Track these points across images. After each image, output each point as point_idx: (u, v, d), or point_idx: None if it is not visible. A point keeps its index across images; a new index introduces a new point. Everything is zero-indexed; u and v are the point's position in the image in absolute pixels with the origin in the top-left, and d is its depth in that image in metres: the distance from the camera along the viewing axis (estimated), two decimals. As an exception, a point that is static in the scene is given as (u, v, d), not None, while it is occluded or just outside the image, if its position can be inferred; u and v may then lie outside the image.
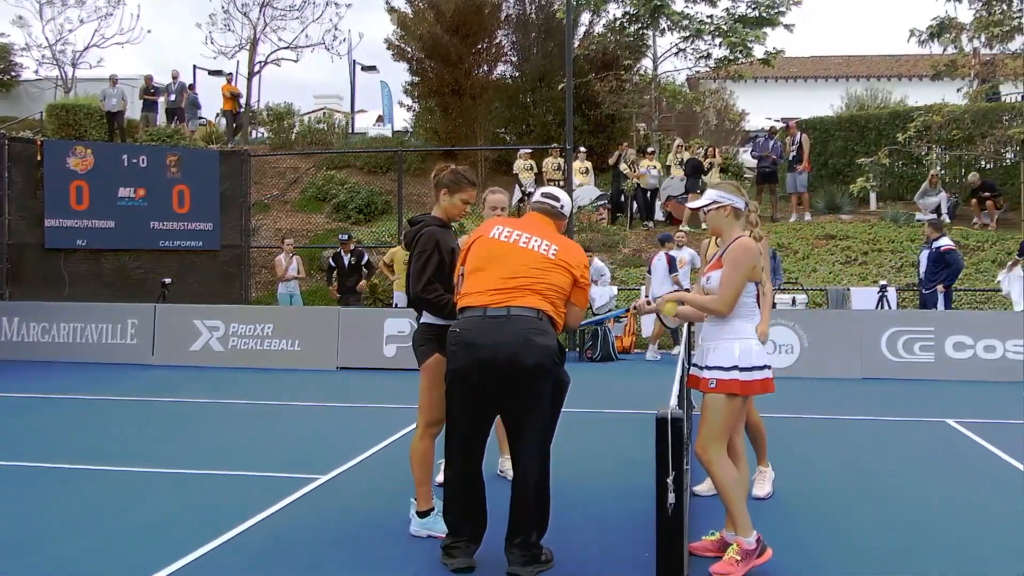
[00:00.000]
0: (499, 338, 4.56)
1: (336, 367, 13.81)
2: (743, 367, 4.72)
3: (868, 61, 36.74)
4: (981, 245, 18.35)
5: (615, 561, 5.00)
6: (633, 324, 16.00)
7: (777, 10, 22.16)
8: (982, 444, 8.15)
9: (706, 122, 27.60)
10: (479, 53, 24.79)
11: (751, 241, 4.86)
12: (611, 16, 23.75)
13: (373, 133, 28.98)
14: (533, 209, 5.06)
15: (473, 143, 24.16)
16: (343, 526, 5.59)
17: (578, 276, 4.78)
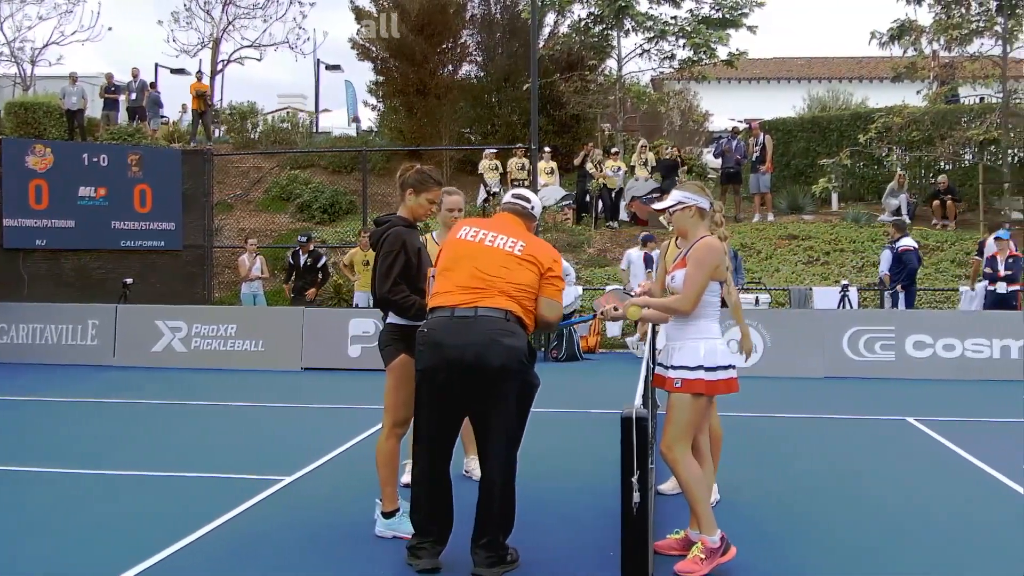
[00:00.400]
0: (466, 338, 4.55)
1: (300, 368, 13.73)
2: (708, 367, 4.75)
3: (830, 63, 37.11)
4: (940, 245, 18.59)
5: (580, 560, 5.01)
6: (598, 324, 16.04)
7: (740, 12, 22.34)
8: (941, 442, 8.26)
9: (670, 123, 27.75)
10: (444, 53, 24.75)
11: (716, 241, 4.90)
12: (576, 17, 23.86)
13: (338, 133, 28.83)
14: (503, 209, 5.07)
15: (438, 143, 24.12)
16: (308, 527, 5.56)
17: (545, 270, 4.75)
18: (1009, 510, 6.02)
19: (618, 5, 21.96)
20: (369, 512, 5.50)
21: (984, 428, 9.20)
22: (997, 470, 7.02)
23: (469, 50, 25.95)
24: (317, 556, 5.07)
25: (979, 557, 5.08)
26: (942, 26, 19.73)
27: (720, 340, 4.87)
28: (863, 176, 22.16)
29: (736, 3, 22.32)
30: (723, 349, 4.85)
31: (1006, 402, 10.88)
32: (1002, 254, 14.42)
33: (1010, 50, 19.72)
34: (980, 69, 19.93)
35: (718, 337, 4.87)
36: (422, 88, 24.12)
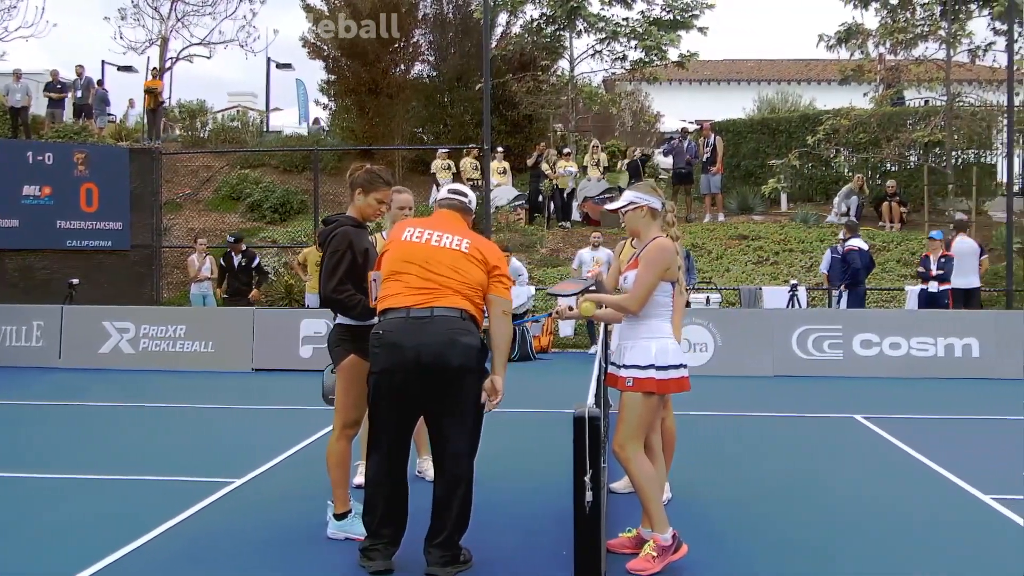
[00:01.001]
0: (423, 339, 4.54)
1: (251, 369, 13.61)
2: (659, 366, 4.79)
3: (779, 65, 37.50)
4: (887, 245, 18.89)
5: (534, 559, 5.02)
6: (551, 324, 16.08)
7: (690, 13, 22.51)
8: (888, 439, 8.39)
9: (622, 123, 27.89)
10: (396, 52, 24.64)
11: (668, 241, 4.94)
12: (528, 17, 23.86)
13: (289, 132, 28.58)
14: (441, 206, 5.04)
15: (390, 142, 24.02)
16: (259, 530, 5.52)
17: (492, 267, 4.75)
18: (954, 506, 6.14)
19: (570, 6, 22.04)
20: (321, 514, 5.46)
21: (929, 425, 9.36)
22: (942, 466, 7.15)
23: (421, 49, 25.88)
24: (268, 559, 5.03)
25: (925, 553, 5.17)
26: (888, 30, 20.07)
27: (671, 339, 4.91)
28: (812, 177, 22.44)
29: (686, 5, 22.49)
30: (674, 348, 4.89)
31: (950, 399, 11.09)
32: (934, 254, 14.71)
33: (953, 54, 20.10)
34: (925, 72, 20.30)
35: (669, 336, 4.90)
36: (374, 87, 24.01)
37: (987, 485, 6.49)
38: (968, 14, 20.27)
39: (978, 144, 21.25)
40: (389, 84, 24.18)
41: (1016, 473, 7.10)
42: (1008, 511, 5.87)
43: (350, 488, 5.46)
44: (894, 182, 20.49)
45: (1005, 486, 6.51)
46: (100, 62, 29.52)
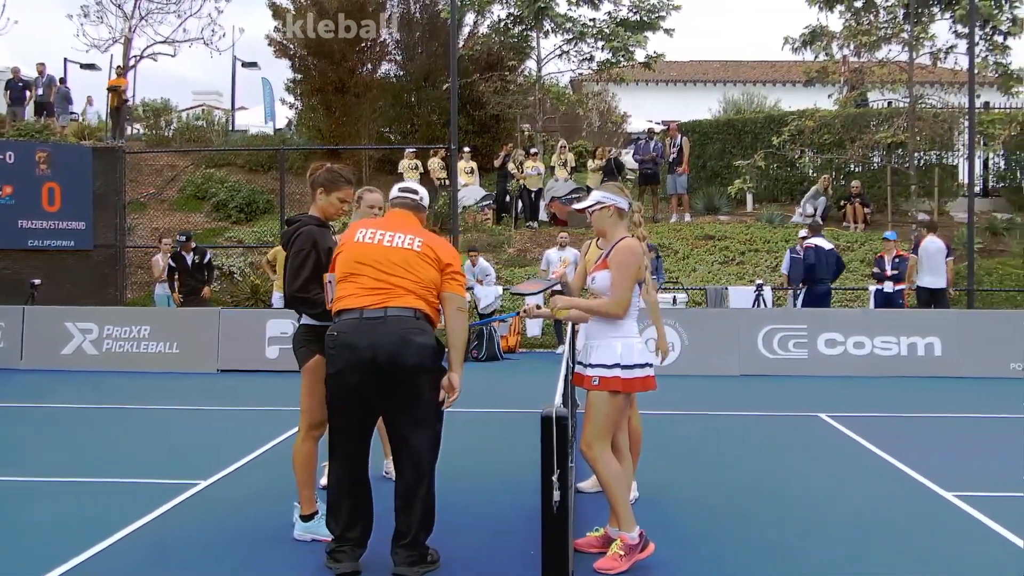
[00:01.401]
0: (377, 339, 4.55)
1: (217, 370, 13.50)
2: (624, 365, 4.81)
3: (745, 66, 37.75)
4: (851, 245, 19.07)
5: (501, 559, 5.03)
6: (518, 324, 16.09)
7: (657, 15, 22.58)
8: (852, 437, 8.48)
9: (589, 124, 27.94)
10: (363, 51, 24.55)
11: (635, 242, 4.97)
12: (495, 17, 23.86)
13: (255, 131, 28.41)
14: (393, 205, 5.06)
15: (357, 142, 23.92)
16: (225, 531, 5.48)
17: (445, 265, 4.77)
18: (917, 503, 6.21)
19: (537, 6, 22.06)
20: (287, 515, 5.44)
21: (892, 423, 9.46)
22: (905, 464, 7.24)
23: (388, 49, 25.80)
24: (234, 560, 5.00)
25: (888, 549, 5.23)
26: (852, 32, 20.25)
27: (637, 339, 4.93)
28: (777, 178, 22.59)
29: (653, 6, 22.56)
30: (640, 347, 4.91)
31: (913, 398, 11.23)
32: (889, 254, 14.90)
33: (916, 56, 20.31)
34: (888, 74, 20.50)
35: (635, 336, 4.93)
36: (341, 86, 23.91)
37: (949, 482, 6.58)
38: (930, 17, 20.50)
39: (940, 145, 21.48)
40: (356, 83, 24.09)
41: (978, 470, 7.21)
42: (970, 508, 5.95)
43: (317, 489, 5.43)
44: (858, 183, 20.69)
45: (967, 483, 6.60)
46: (63, 60, 29.20)
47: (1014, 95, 20.83)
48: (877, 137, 20.38)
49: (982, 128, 19.28)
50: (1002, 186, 22.74)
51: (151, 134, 26.01)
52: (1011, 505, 6.05)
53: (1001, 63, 20.23)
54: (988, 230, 19.97)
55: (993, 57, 20.25)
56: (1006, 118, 20.07)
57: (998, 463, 7.49)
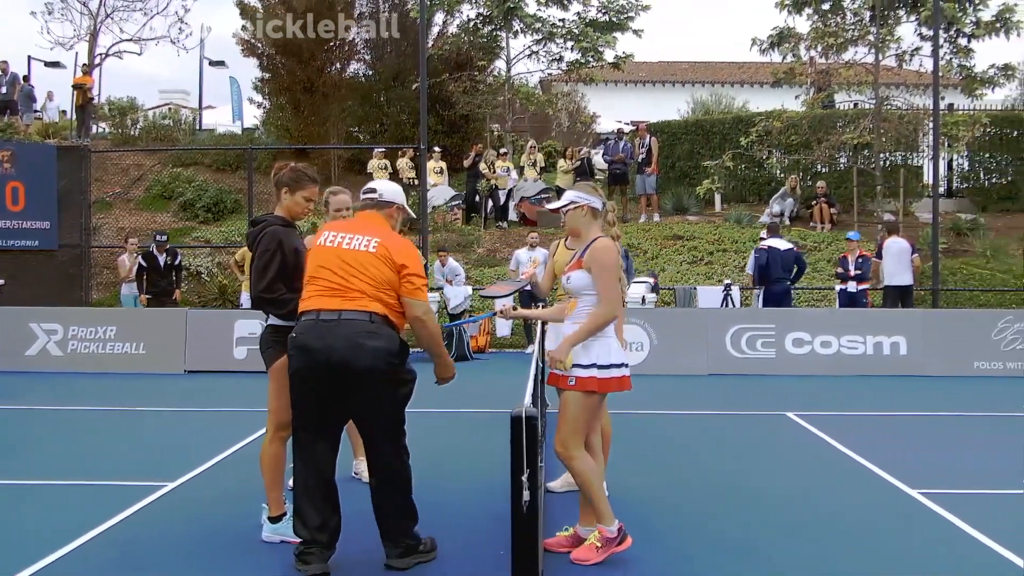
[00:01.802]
0: (330, 341, 4.58)
1: (184, 370, 13.40)
2: (600, 365, 4.82)
3: (713, 67, 37.95)
4: (818, 245, 19.23)
5: (471, 559, 5.02)
6: (488, 324, 16.08)
7: (626, 15, 22.64)
8: (819, 435, 8.54)
9: (558, 124, 27.98)
10: (331, 50, 24.45)
11: (611, 241, 4.98)
12: (465, 17, 23.84)
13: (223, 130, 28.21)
14: (359, 208, 5.10)
15: (326, 141, 23.83)
16: (193, 533, 5.44)
17: (399, 267, 4.72)
18: (882, 500, 6.27)
19: (507, 6, 22.04)
20: (255, 517, 5.40)
21: (859, 422, 9.55)
22: (871, 462, 7.30)
23: (357, 48, 25.72)
24: (202, 562, 4.96)
25: (854, 546, 5.27)
26: (819, 34, 20.41)
27: (613, 339, 4.94)
28: (745, 178, 22.75)
29: (622, 7, 22.63)
30: (616, 347, 4.93)
31: (879, 397, 11.33)
32: (852, 254, 15.06)
33: (882, 58, 20.51)
34: (854, 76, 20.68)
35: (611, 336, 4.93)
36: (309, 86, 23.81)
37: (914, 480, 6.65)
38: (896, 20, 20.72)
39: (905, 147, 21.72)
40: (325, 83, 24.00)
41: (942, 468, 7.29)
42: (934, 505, 6.02)
43: (285, 490, 5.40)
44: (823, 183, 20.86)
45: (932, 481, 6.67)
46: (26, 57, 28.87)
47: (977, 97, 21.11)
48: (843, 138, 20.56)
49: (946, 130, 19.49)
50: (966, 187, 23.03)
51: (117, 133, 25.78)
52: (975, 502, 6.12)
53: (965, 65, 20.50)
54: (952, 230, 20.20)
55: (957, 59, 20.52)
56: (970, 120, 20.29)
57: (963, 461, 7.59)
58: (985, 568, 4.89)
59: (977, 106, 22.39)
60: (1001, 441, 8.54)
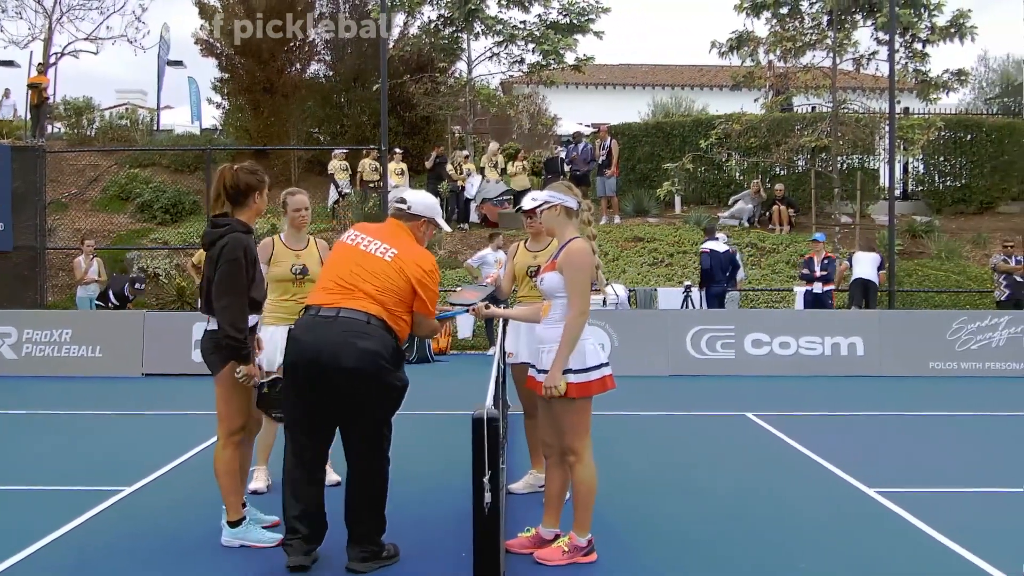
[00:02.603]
0: (323, 337, 4.61)
1: (141, 374, 13.24)
2: (577, 369, 4.79)
3: (673, 70, 38.16)
4: (776, 248, 19.41)
5: (433, 561, 5.01)
6: (449, 325, 16.05)
7: (587, 17, 22.70)
8: (778, 435, 8.62)
9: (519, 126, 27.98)
10: (291, 51, 24.29)
11: (585, 242, 4.94)
12: (426, 18, 23.78)
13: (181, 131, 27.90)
14: (390, 215, 5.16)
15: (285, 142, 23.65)
16: (150, 538, 5.37)
17: (415, 281, 4.77)
18: (841, 500, 6.33)
19: (468, 8, 22.03)
20: (214, 521, 5.35)
21: (817, 422, 9.65)
22: (829, 462, 7.38)
23: (317, 49, 25.56)
24: (160, 568, 4.90)
25: (813, 546, 5.32)
26: (778, 38, 20.61)
27: (589, 340, 4.90)
28: (704, 180, 22.89)
29: (583, 9, 22.69)
30: (592, 348, 4.89)
31: (837, 397, 11.46)
32: (818, 256, 15.25)
33: (839, 62, 20.75)
34: (812, 79, 20.90)
35: (587, 338, 4.89)
36: (269, 86, 23.63)
37: (872, 479, 6.72)
38: (853, 24, 20.97)
39: (862, 150, 21.97)
40: (284, 83, 23.84)
41: (899, 467, 7.38)
42: (892, 504, 6.09)
43: (247, 493, 5.36)
44: (782, 186, 21.06)
45: (889, 480, 6.75)
46: (-22, 57, 28.39)
47: (932, 101, 21.42)
48: (802, 141, 20.75)
49: (902, 133, 19.75)
50: (921, 189, 23.34)
51: (72, 133, 25.42)
52: (930, 501, 6.21)
53: (920, 70, 20.79)
54: (908, 232, 20.49)
55: (913, 64, 20.81)
56: (925, 123, 20.59)
57: (919, 460, 7.70)
58: (942, 566, 4.95)
59: (932, 110, 22.72)
60: (956, 440, 8.68)
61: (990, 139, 22.45)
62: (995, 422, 9.76)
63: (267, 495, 6.20)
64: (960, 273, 18.65)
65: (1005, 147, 22.37)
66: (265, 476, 6.38)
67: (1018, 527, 5.70)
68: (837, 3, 20.08)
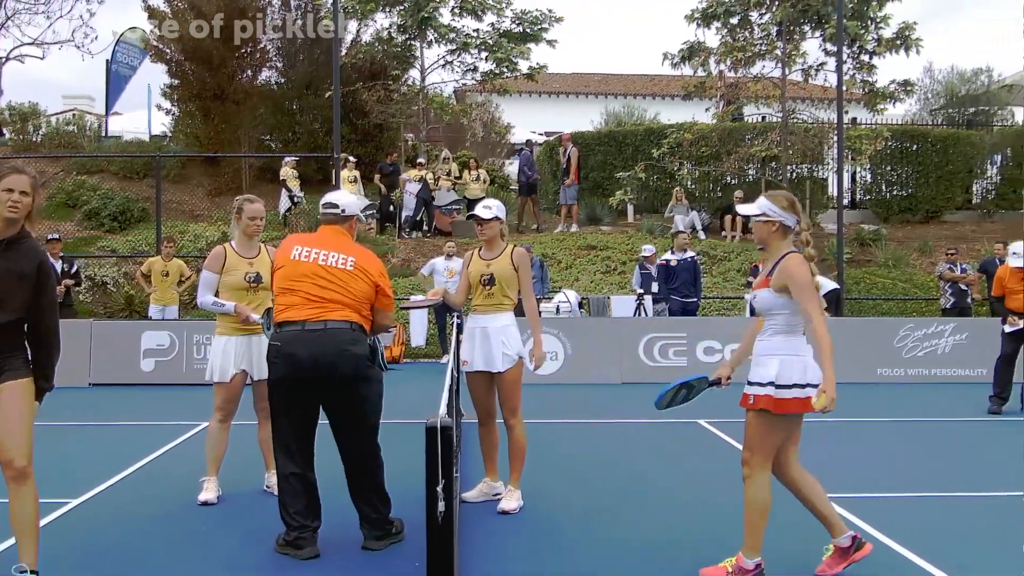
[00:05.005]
0: (318, 349, 5.00)
1: (88, 383, 13.02)
2: (780, 384, 4.69)
3: (626, 79, 38.43)
4: (727, 255, 19.59)
5: (387, 571, 4.97)
6: (402, 334, 15.99)
7: (540, 26, 22.78)
8: (730, 442, 8.68)
9: (473, 134, 28.01)
10: (242, 57, 24.09)
11: (801, 258, 4.76)
12: (379, 26, 23.72)
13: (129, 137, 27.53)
14: (321, 220, 5.44)
15: (237, 149, 23.43)
16: (96, 551, 5.28)
17: (377, 282, 5.26)
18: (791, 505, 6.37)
19: (421, 16, 22.01)
20: (161, 533, 5.28)
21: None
22: (780, 468, 7.43)
23: (269, 55, 25.37)
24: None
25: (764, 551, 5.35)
26: (728, 48, 20.86)
27: (803, 357, 4.76)
28: (657, 189, 23.06)
29: (536, 18, 22.76)
30: (808, 366, 4.73)
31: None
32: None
33: (788, 72, 21.05)
34: (762, 89, 21.19)
35: (802, 354, 4.76)
36: (220, 93, 23.40)
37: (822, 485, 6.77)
38: (802, 35, 21.29)
39: (811, 159, 22.30)
40: (235, 90, 23.61)
41: (847, 472, 7.46)
42: (840, 508, 6.13)
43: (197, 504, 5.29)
44: (741, 192, 21.25)
45: (837, 485, 6.81)
46: (-79, 60, 27.80)
47: (879, 111, 21.81)
48: (752, 150, 21.02)
49: (850, 143, 20.06)
50: (869, 198, 23.73)
51: (18, 139, 24.98)
52: (878, 505, 6.29)
53: (868, 81, 21.16)
54: (856, 241, 20.80)
55: (860, 75, 21.17)
56: (872, 133, 20.94)
57: (867, 465, 7.79)
58: (889, 569, 5.01)
59: (879, 120, 23.12)
60: (902, 446, 8.80)
61: (935, 149, 22.91)
62: (941, 428, 9.92)
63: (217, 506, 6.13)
64: (907, 281, 18.95)
65: (949, 157, 22.85)
66: (215, 487, 6.29)
67: (962, 530, 5.80)
68: (786, 14, 20.36)
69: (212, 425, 6.39)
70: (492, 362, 6.11)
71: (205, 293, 6.32)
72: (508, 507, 6.09)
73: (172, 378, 12.79)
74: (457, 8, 22.46)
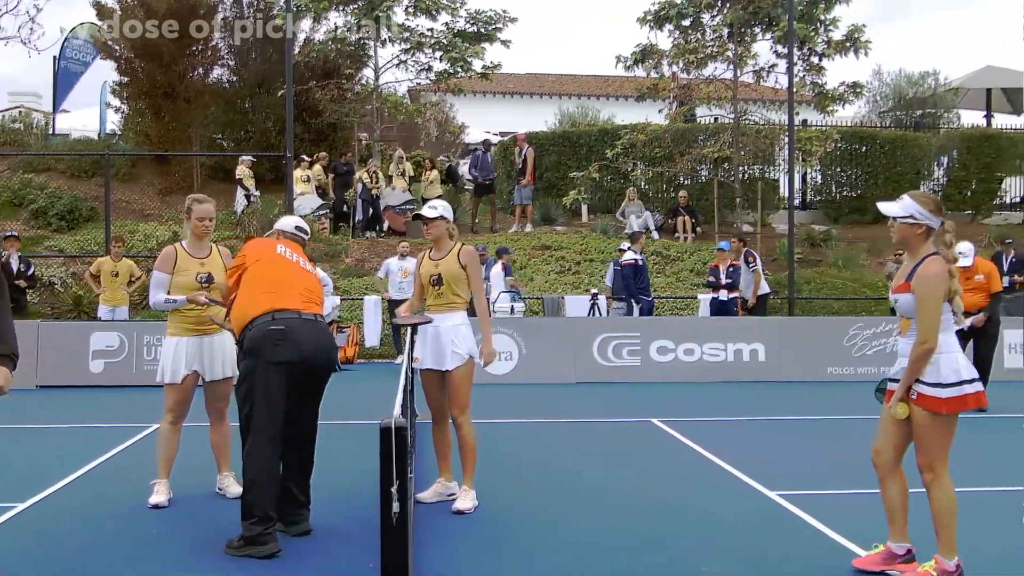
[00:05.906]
0: (317, 340, 5.40)
1: (35, 386, 12.78)
2: (946, 384, 4.61)
3: (580, 80, 38.57)
4: (681, 256, 19.74)
5: (341, 572, 4.95)
6: (356, 335, 15.92)
7: (494, 26, 22.78)
8: (682, 441, 8.75)
9: (427, 134, 27.94)
10: (194, 55, 23.79)
11: (940, 262, 4.67)
12: (332, 24, 23.55)
13: (78, 135, 27.10)
14: (286, 236, 6.11)
15: (188, 148, 23.15)
16: (45, 555, 5.19)
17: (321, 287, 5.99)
18: (743, 502, 6.46)
19: (375, 15, 21.90)
20: (111, 537, 5.21)
21: (720, 427, 9.83)
22: (732, 465, 7.52)
23: (221, 53, 25.08)
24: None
25: (716, 548, 5.41)
26: (681, 50, 21.02)
27: (956, 354, 4.70)
28: (610, 189, 23.15)
29: (490, 18, 22.76)
30: (962, 363, 4.69)
31: (740, 402, 11.68)
32: (723, 264, 15.53)
33: (740, 74, 21.25)
34: (714, 91, 21.38)
35: (955, 351, 4.71)
36: (170, 91, 23.08)
37: (773, 482, 6.87)
38: (753, 37, 21.50)
39: (762, 160, 22.54)
40: (186, 88, 23.29)
41: (798, 470, 7.57)
42: (791, 506, 6.23)
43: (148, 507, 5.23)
44: (686, 193, 21.42)
45: (788, 482, 6.91)
46: None
47: (829, 113, 22.08)
48: (704, 151, 21.18)
49: (801, 144, 20.30)
50: (819, 199, 24.04)
51: (-39, 137, 24.50)
52: (828, 502, 6.37)
53: (817, 83, 21.41)
54: (807, 241, 21.05)
55: (810, 77, 21.41)
56: (822, 135, 21.21)
57: (817, 463, 7.89)
58: (836, 563, 5.08)
59: (829, 122, 23.40)
60: (852, 443, 8.90)
61: (884, 151, 23.28)
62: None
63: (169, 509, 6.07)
64: (856, 280, 19.21)
65: (898, 159, 23.23)
66: (166, 490, 6.22)
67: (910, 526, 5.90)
68: (737, 17, 20.55)
69: (163, 427, 6.32)
70: (441, 360, 6.13)
71: (157, 292, 6.24)
72: (463, 507, 6.09)
73: (122, 380, 12.60)
74: (411, 7, 22.38)
